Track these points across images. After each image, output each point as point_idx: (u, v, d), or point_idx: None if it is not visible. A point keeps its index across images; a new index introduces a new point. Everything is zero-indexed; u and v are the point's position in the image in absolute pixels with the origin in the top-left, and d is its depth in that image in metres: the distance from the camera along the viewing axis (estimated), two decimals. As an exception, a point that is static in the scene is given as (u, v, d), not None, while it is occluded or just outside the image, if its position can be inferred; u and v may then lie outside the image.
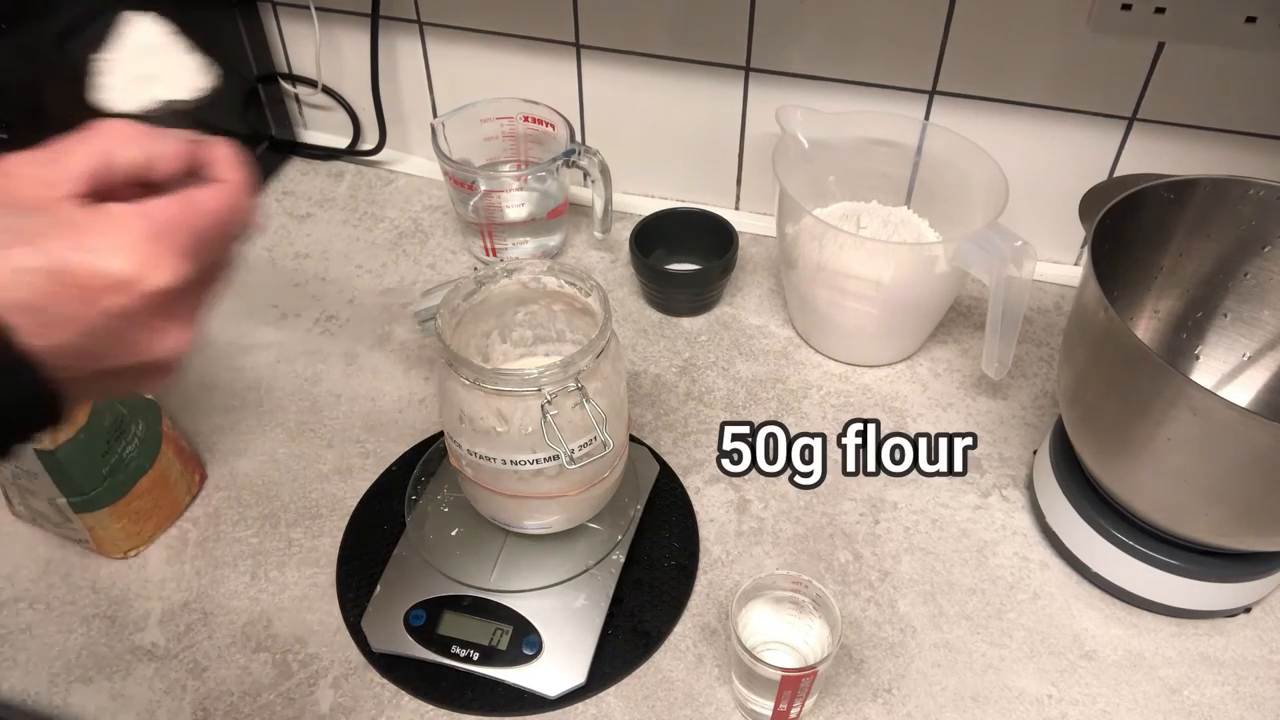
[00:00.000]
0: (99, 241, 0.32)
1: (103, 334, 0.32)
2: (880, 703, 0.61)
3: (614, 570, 0.65)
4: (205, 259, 0.35)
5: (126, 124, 0.36)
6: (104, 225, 0.32)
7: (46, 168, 0.34)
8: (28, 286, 0.30)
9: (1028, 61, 0.78)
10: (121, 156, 0.35)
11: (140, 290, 0.32)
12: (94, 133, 0.35)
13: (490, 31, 0.91)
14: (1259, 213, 0.63)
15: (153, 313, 0.33)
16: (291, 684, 0.62)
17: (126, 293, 0.32)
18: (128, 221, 0.32)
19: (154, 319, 0.33)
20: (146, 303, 0.32)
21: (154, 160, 0.36)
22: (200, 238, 0.34)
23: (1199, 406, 0.53)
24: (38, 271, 0.30)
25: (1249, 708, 0.61)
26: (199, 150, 0.37)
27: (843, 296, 0.77)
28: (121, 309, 0.32)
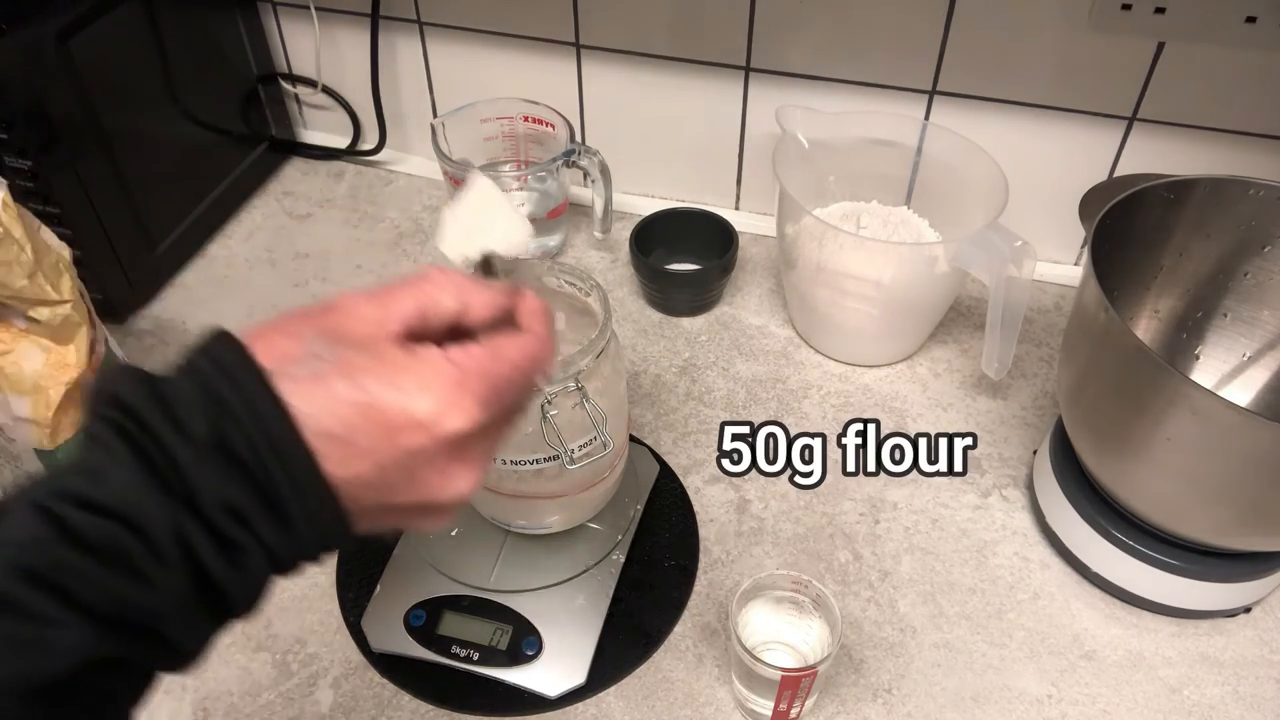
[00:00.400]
0: (409, 381, 0.33)
1: (396, 470, 0.33)
2: (880, 703, 0.61)
3: (614, 570, 0.65)
4: (502, 407, 0.36)
5: (450, 273, 0.38)
6: (416, 367, 0.34)
7: (377, 307, 0.35)
8: (338, 417, 0.32)
9: (1028, 61, 0.78)
10: (443, 303, 0.37)
11: (437, 432, 0.33)
12: (422, 279, 0.37)
13: (490, 31, 0.91)
14: (1259, 213, 0.63)
15: (445, 454, 0.34)
16: (291, 684, 0.62)
17: (425, 433, 0.33)
18: (438, 366, 0.34)
19: (446, 461, 0.35)
20: (441, 444, 0.34)
21: (470, 308, 0.37)
22: (499, 387, 0.36)
23: (1199, 406, 0.53)
24: (350, 404, 0.32)
25: (1249, 708, 0.61)
26: (510, 301, 0.39)
27: (843, 296, 0.77)
28: (418, 448, 0.33)
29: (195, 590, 0.31)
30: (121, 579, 0.29)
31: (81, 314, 0.60)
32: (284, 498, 0.31)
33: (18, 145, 0.72)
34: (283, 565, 0.33)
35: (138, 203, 0.84)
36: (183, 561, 0.30)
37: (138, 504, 0.30)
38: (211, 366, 0.32)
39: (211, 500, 0.31)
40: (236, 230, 0.96)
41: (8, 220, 0.55)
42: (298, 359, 0.33)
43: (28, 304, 0.58)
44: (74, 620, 0.29)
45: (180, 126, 0.89)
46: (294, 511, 0.32)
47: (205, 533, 0.31)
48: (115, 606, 0.29)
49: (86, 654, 0.29)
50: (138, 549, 0.30)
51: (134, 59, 0.82)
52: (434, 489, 0.35)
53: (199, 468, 0.30)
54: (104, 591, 0.29)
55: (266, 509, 0.31)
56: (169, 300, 0.89)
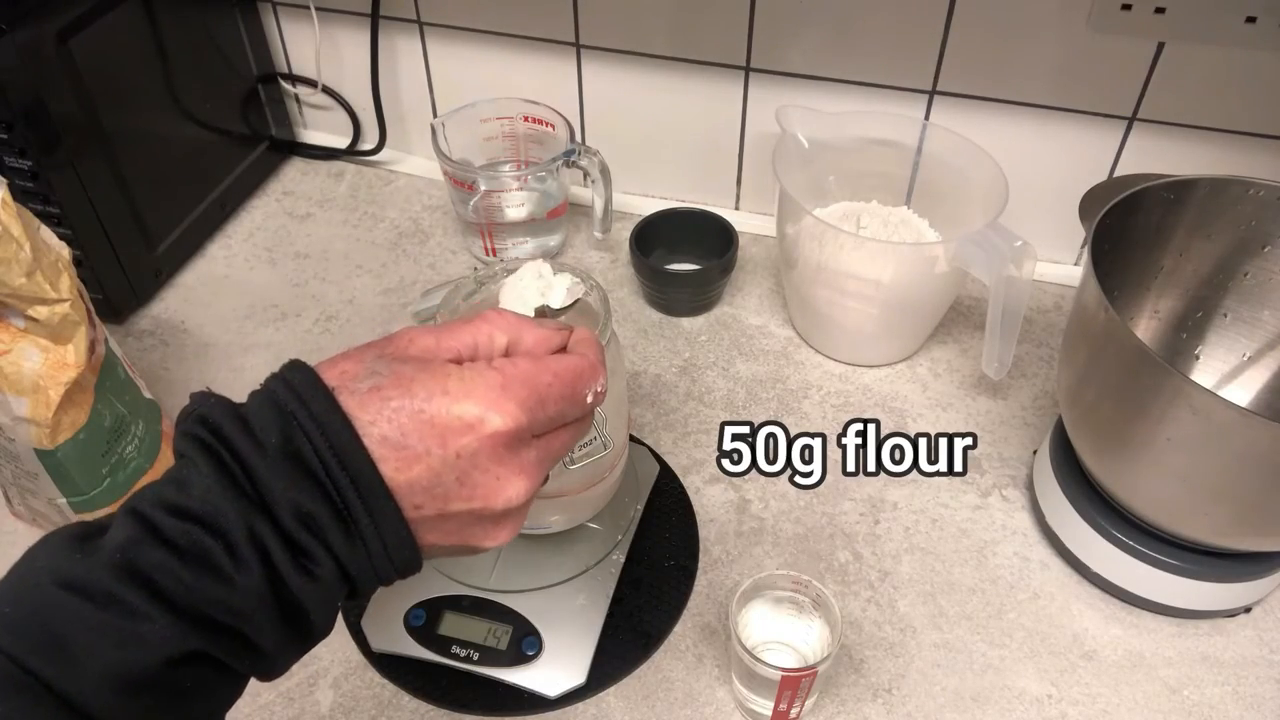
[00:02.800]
0: (455, 386, 0.36)
1: (448, 472, 0.36)
2: (880, 703, 0.61)
3: (614, 570, 0.65)
4: (546, 414, 0.39)
5: (508, 313, 0.41)
6: (462, 375, 0.37)
7: (433, 336, 0.39)
8: (394, 424, 0.35)
9: (1028, 61, 0.78)
10: (496, 338, 0.40)
11: (483, 432, 0.36)
12: (480, 318, 0.40)
13: (490, 31, 0.91)
14: (1259, 213, 0.63)
15: (493, 458, 0.37)
16: (291, 684, 0.62)
17: (472, 433, 0.36)
18: (483, 373, 0.37)
19: (493, 464, 0.37)
20: (486, 444, 0.36)
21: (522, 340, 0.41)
22: (541, 393, 0.38)
23: (1199, 406, 0.53)
24: (404, 411, 0.35)
25: (1249, 708, 0.61)
26: (562, 336, 0.42)
27: (843, 296, 0.77)
28: (466, 448, 0.36)
29: (272, 593, 0.33)
30: (205, 578, 0.32)
31: (80, 313, 0.60)
32: (349, 502, 0.34)
33: (18, 145, 0.72)
34: (353, 579, 0.35)
35: (138, 203, 0.84)
36: (258, 563, 0.33)
37: (216, 507, 0.33)
38: (284, 387, 0.35)
39: (282, 503, 0.33)
40: (236, 230, 0.96)
41: (6, 218, 0.55)
42: (358, 376, 0.36)
43: (26, 303, 0.58)
44: (164, 615, 0.32)
45: (180, 126, 0.89)
46: (359, 515, 0.34)
47: (277, 535, 0.33)
48: (200, 604, 0.32)
49: (175, 648, 0.32)
50: (218, 550, 0.32)
51: (134, 59, 0.82)
52: (486, 493, 0.37)
53: (271, 474, 0.33)
54: (189, 589, 0.32)
55: (333, 514, 0.34)
56: (169, 300, 0.89)
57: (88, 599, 0.32)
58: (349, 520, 0.34)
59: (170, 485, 0.34)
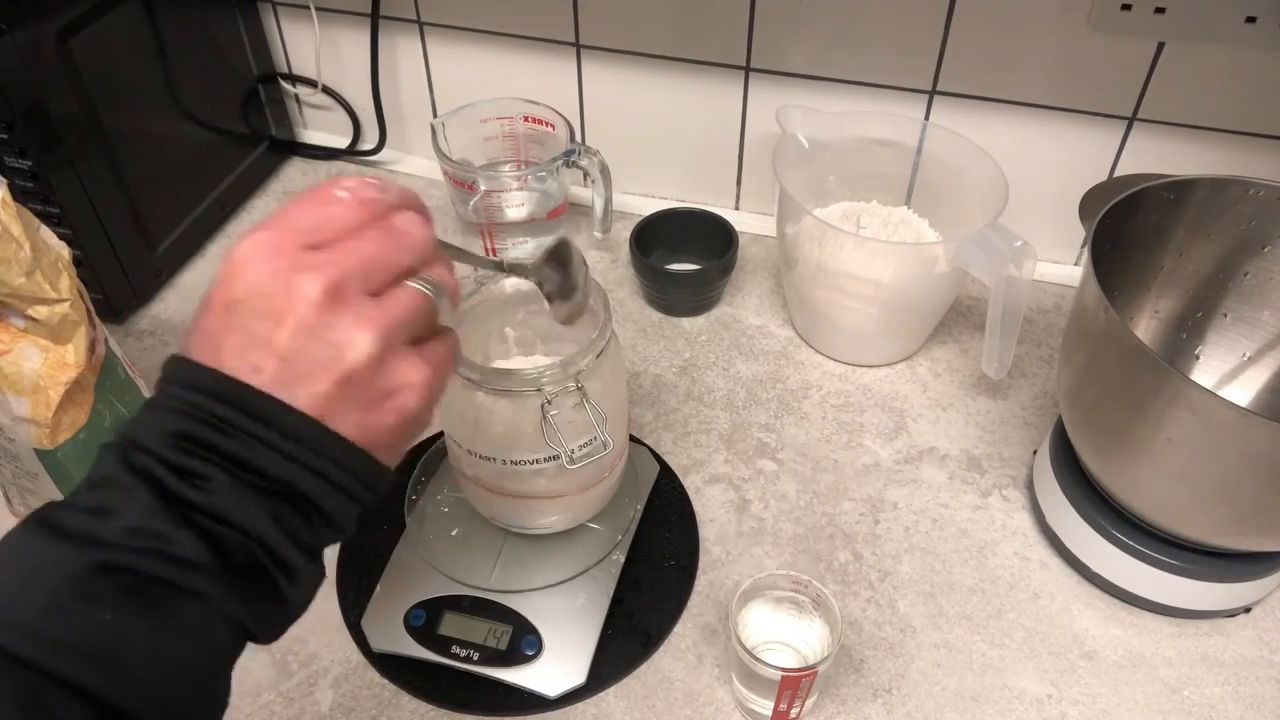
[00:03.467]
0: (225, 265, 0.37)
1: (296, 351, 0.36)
2: (880, 703, 0.61)
3: (614, 570, 0.65)
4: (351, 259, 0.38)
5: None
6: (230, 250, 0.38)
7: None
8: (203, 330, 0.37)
9: (1027, 61, 0.78)
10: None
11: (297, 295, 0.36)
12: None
13: (490, 31, 0.91)
14: (1259, 213, 0.63)
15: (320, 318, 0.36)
16: (291, 684, 0.62)
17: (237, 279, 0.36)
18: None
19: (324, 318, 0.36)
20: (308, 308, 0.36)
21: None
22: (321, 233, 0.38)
23: (1199, 406, 0.53)
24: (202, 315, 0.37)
25: (1249, 708, 0.61)
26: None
27: (843, 296, 0.77)
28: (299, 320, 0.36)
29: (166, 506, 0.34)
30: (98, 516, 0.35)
31: (80, 313, 0.60)
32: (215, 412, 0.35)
33: (18, 145, 0.72)
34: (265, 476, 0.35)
35: (138, 203, 0.84)
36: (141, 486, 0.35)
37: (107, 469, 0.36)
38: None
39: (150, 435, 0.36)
40: (236, 230, 0.96)
41: (6, 218, 0.55)
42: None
43: (26, 302, 0.58)
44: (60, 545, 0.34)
45: (180, 126, 0.89)
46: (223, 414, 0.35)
47: (155, 460, 0.35)
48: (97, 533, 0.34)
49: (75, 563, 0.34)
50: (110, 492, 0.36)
51: (134, 59, 0.82)
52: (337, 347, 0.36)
53: (140, 420, 0.36)
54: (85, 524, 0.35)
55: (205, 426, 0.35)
56: (169, 300, 0.89)
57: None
58: (225, 426, 0.35)
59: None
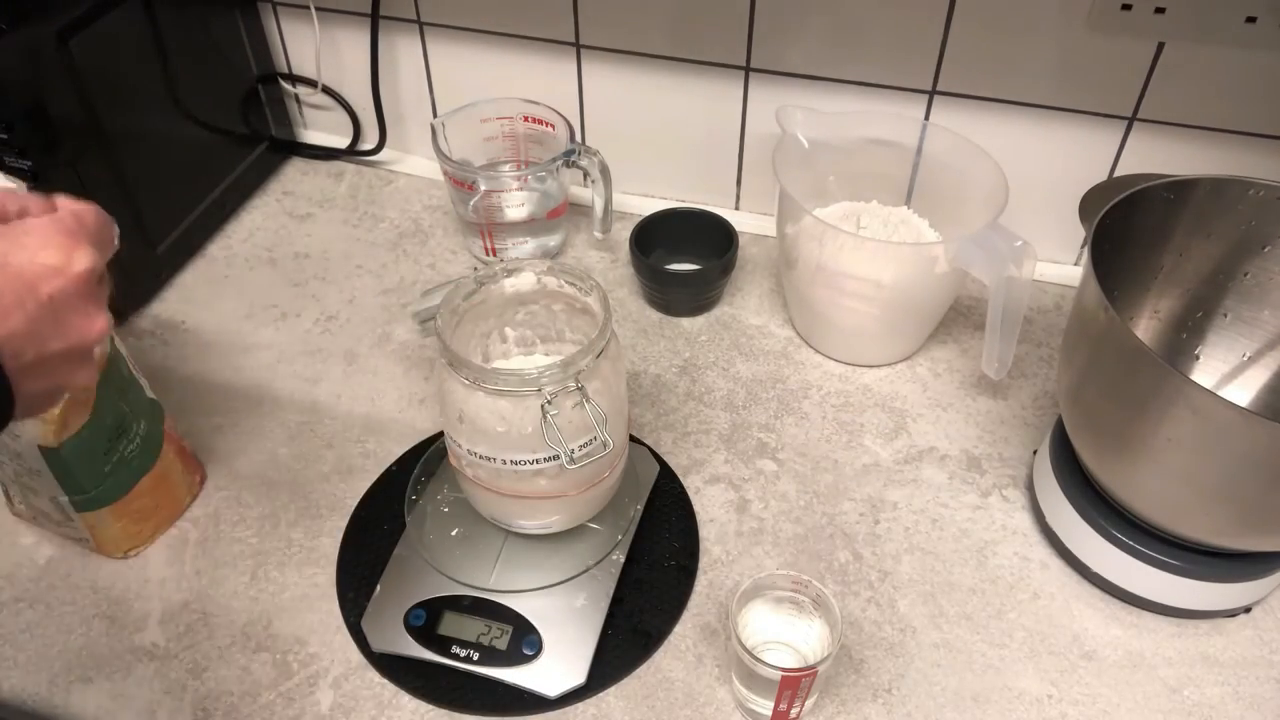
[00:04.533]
0: (30, 241, 0.40)
1: (44, 319, 0.39)
2: (880, 703, 0.61)
3: (614, 570, 0.65)
4: (102, 251, 0.43)
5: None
6: (30, 230, 0.40)
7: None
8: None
9: (1028, 61, 0.78)
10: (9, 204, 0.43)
11: (71, 273, 0.40)
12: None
13: (490, 31, 0.91)
14: (1259, 213, 0.63)
15: (81, 296, 0.40)
16: (291, 684, 0.62)
17: (60, 277, 0.39)
18: (45, 225, 0.41)
19: (83, 302, 0.41)
20: (76, 286, 0.40)
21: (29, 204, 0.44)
22: (96, 235, 0.43)
23: (1199, 406, 0.53)
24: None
25: (1249, 708, 0.61)
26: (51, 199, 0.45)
27: (843, 296, 0.77)
28: (59, 291, 0.39)
29: None
30: None
31: None
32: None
33: (18, 145, 0.72)
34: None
35: (138, 203, 0.84)
36: None
37: None
38: None
39: None
40: (236, 230, 0.96)
41: None
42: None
43: None
44: None
45: (180, 126, 0.89)
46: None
47: None
48: None
49: None
50: None
51: (134, 59, 0.82)
52: (80, 330, 0.41)
53: None
54: None
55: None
56: (169, 300, 0.89)
57: None
58: None
59: None
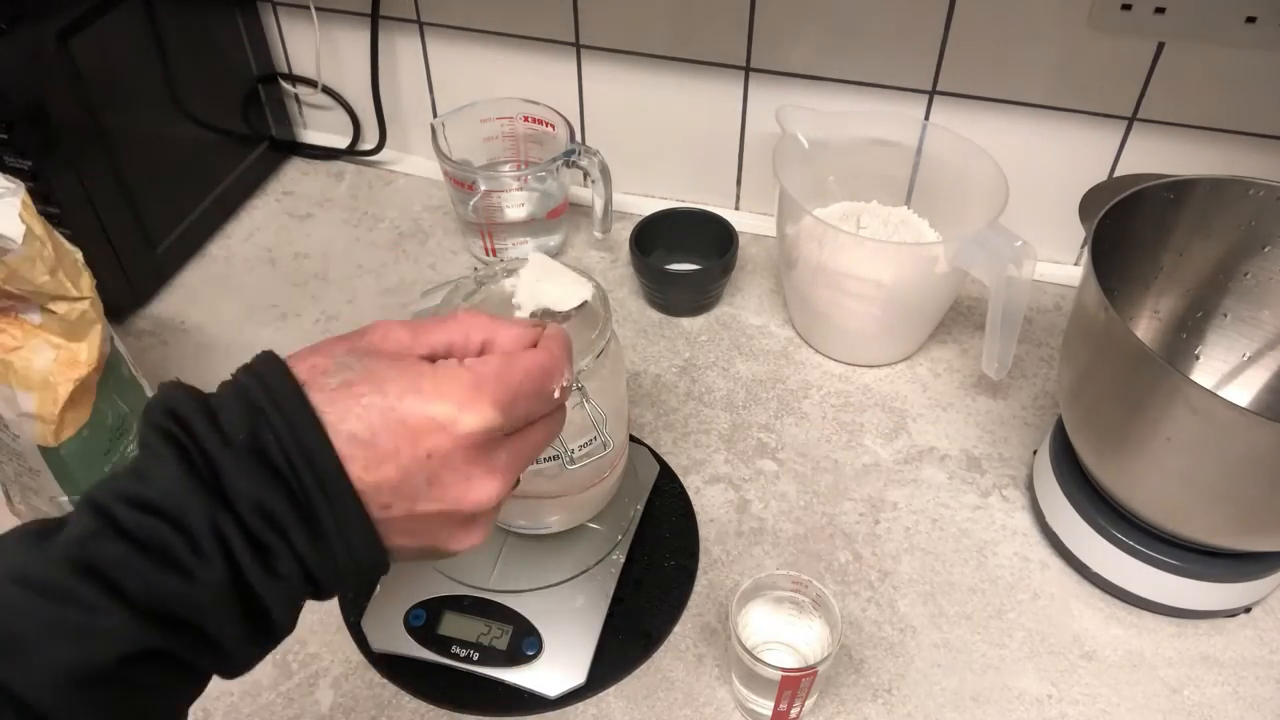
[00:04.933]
0: (428, 386, 0.36)
1: (419, 473, 0.35)
2: (880, 703, 0.61)
3: (614, 570, 0.65)
4: (518, 412, 0.38)
5: (478, 314, 0.40)
6: (435, 374, 0.36)
7: (408, 332, 0.38)
8: (364, 422, 0.34)
9: (1028, 61, 0.78)
10: (472, 337, 0.40)
11: (455, 432, 0.35)
12: (452, 316, 0.40)
13: (490, 31, 0.91)
14: (1259, 213, 0.63)
15: (466, 458, 0.36)
16: (291, 684, 0.62)
17: (444, 434, 0.35)
18: (456, 373, 0.37)
19: (465, 464, 0.36)
20: (460, 445, 0.36)
21: (496, 341, 0.40)
22: (514, 391, 0.38)
23: (1199, 406, 0.53)
24: (374, 409, 0.34)
25: (1249, 708, 0.61)
26: (536, 333, 0.41)
27: (843, 296, 0.77)
28: (438, 449, 0.35)
29: (234, 589, 0.32)
30: (164, 572, 0.31)
31: (98, 312, 0.61)
32: (314, 501, 0.33)
33: (18, 145, 0.72)
34: (316, 580, 0.35)
35: (138, 203, 0.84)
36: (219, 557, 0.32)
37: (179, 500, 0.32)
38: (254, 381, 0.34)
39: (245, 499, 0.32)
40: (236, 230, 0.96)
41: (29, 217, 0.56)
42: (328, 371, 0.35)
43: (47, 299, 0.59)
44: (120, 610, 0.31)
45: (180, 126, 0.89)
46: (323, 515, 0.33)
47: (239, 530, 0.32)
48: (159, 599, 0.31)
49: (132, 644, 0.31)
50: (178, 543, 0.32)
51: (134, 59, 0.82)
52: (457, 494, 0.36)
53: (236, 470, 0.33)
54: (148, 583, 0.31)
55: (297, 513, 0.33)
56: (169, 300, 0.89)
57: (41, 594, 0.31)
58: (313, 520, 0.34)
59: (132, 477, 0.33)
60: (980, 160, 0.77)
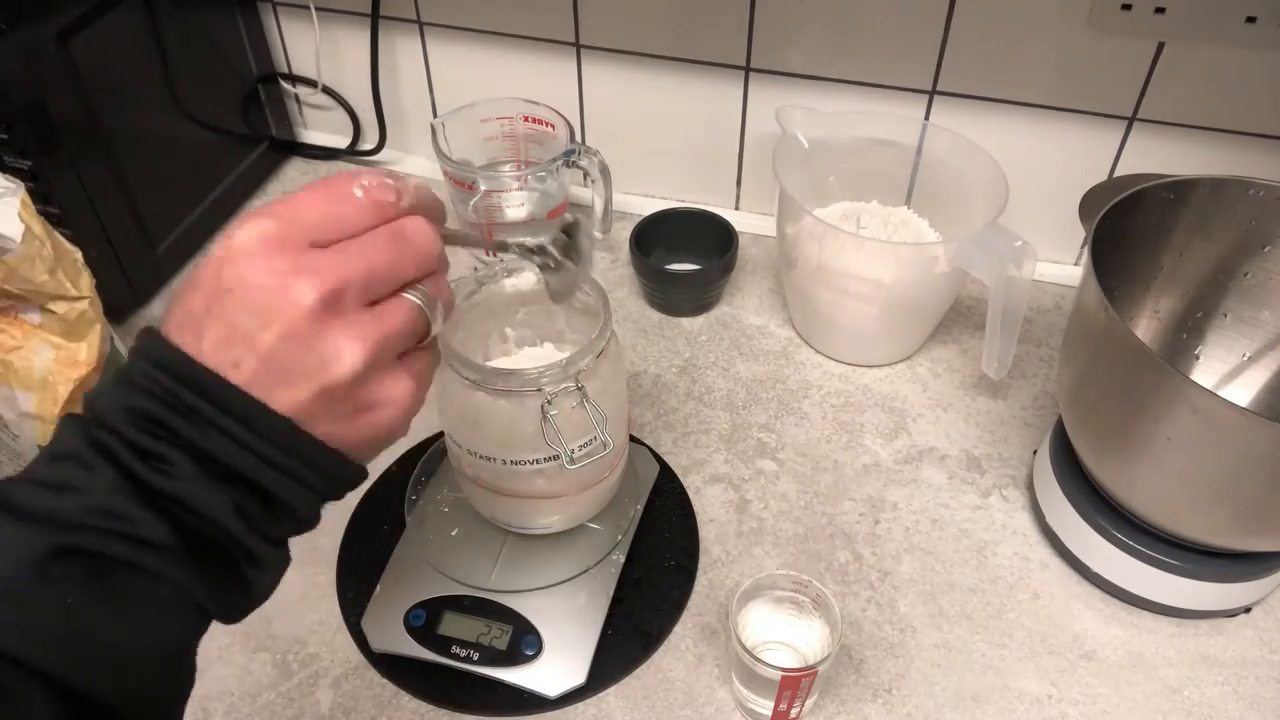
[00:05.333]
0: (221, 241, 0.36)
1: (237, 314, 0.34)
2: (880, 703, 0.61)
3: (614, 570, 0.65)
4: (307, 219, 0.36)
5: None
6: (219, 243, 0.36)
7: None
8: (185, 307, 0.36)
9: (1028, 61, 0.78)
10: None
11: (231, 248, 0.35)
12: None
13: (490, 31, 0.91)
14: (1259, 213, 0.63)
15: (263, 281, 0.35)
16: (291, 684, 0.62)
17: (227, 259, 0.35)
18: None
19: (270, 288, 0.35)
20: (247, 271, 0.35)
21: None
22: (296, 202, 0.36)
23: (1199, 406, 0.53)
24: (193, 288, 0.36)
25: (1249, 708, 0.61)
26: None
27: (843, 296, 0.77)
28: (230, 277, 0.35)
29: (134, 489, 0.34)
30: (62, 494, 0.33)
31: (97, 311, 0.61)
32: (174, 390, 0.34)
33: (18, 145, 0.72)
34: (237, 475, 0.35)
35: (138, 203, 0.84)
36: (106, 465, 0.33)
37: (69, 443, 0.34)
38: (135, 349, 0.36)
39: (113, 413, 0.34)
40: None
41: (28, 217, 0.56)
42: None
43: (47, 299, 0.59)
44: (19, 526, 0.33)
45: (180, 126, 0.89)
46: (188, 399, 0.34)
47: (116, 438, 0.34)
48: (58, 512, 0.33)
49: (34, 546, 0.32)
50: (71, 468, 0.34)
51: (134, 59, 0.82)
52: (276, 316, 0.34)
53: (105, 396, 0.35)
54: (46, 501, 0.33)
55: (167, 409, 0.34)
56: (169, 300, 0.89)
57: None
58: (185, 411, 0.34)
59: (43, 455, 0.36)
60: (980, 160, 0.77)
